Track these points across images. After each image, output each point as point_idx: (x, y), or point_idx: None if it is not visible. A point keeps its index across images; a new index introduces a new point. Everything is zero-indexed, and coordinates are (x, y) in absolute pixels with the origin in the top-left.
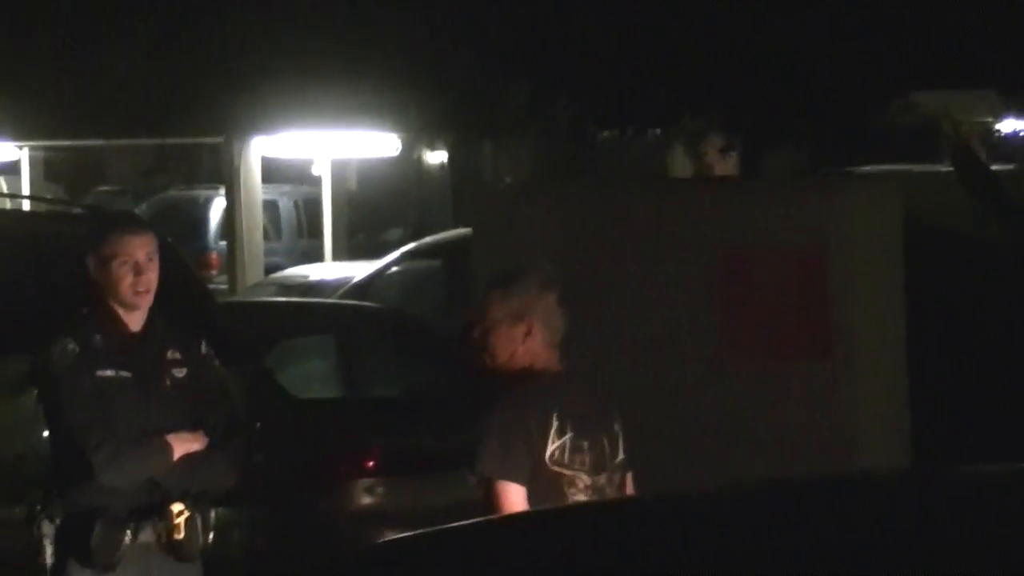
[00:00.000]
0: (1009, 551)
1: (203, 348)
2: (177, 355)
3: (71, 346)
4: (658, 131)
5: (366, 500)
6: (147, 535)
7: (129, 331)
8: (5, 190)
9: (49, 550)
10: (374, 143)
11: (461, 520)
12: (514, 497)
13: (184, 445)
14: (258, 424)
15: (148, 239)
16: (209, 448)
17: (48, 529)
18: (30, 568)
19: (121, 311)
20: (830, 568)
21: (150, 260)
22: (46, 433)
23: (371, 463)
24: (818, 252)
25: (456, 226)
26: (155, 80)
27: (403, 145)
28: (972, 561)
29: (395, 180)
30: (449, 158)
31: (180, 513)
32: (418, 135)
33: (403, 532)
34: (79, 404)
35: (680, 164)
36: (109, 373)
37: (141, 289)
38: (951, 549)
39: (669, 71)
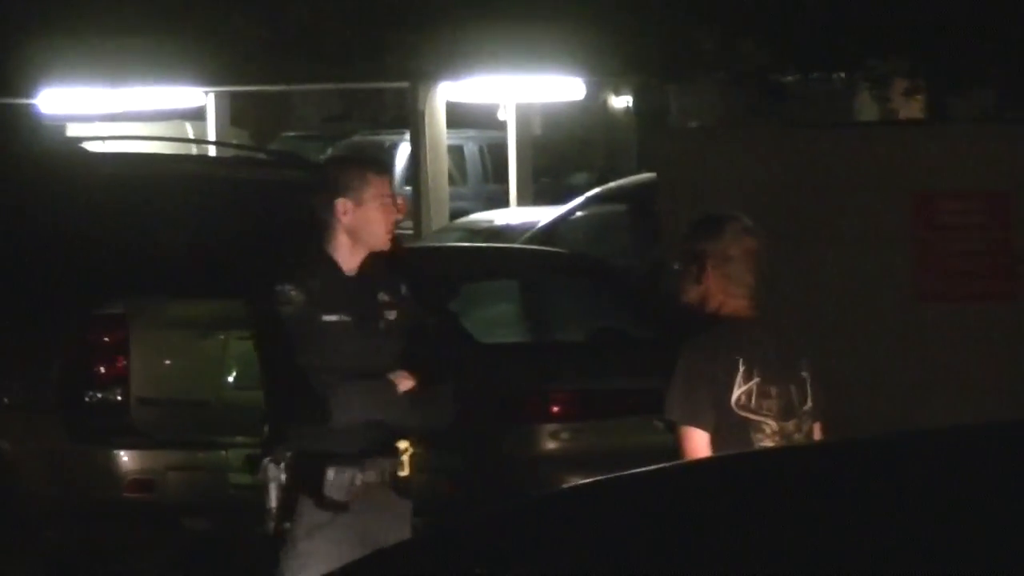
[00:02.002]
0: None
1: (403, 290)
2: (387, 297)
3: (295, 292)
4: (843, 75)
5: (551, 445)
6: (373, 474)
7: (345, 275)
8: (191, 136)
9: (275, 494)
10: (559, 87)
11: (648, 465)
12: (698, 442)
13: (404, 384)
14: None
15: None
16: (423, 386)
17: (275, 472)
18: (239, 510)
19: (345, 253)
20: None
21: None
22: (230, 379)
23: (556, 408)
24: (1006, 195)
25: (641, 170)
26: (341, 25)
27: (588, 89)
28: None
29: (580, 124)
30: (634, 102)
31: (406, 450)
32: (604, 79)
33: (588, 477)
34: (309, 348)
35: (866, 108)
36: (333, 318)
37: (392, 228)
38: None
39: (855, 14)
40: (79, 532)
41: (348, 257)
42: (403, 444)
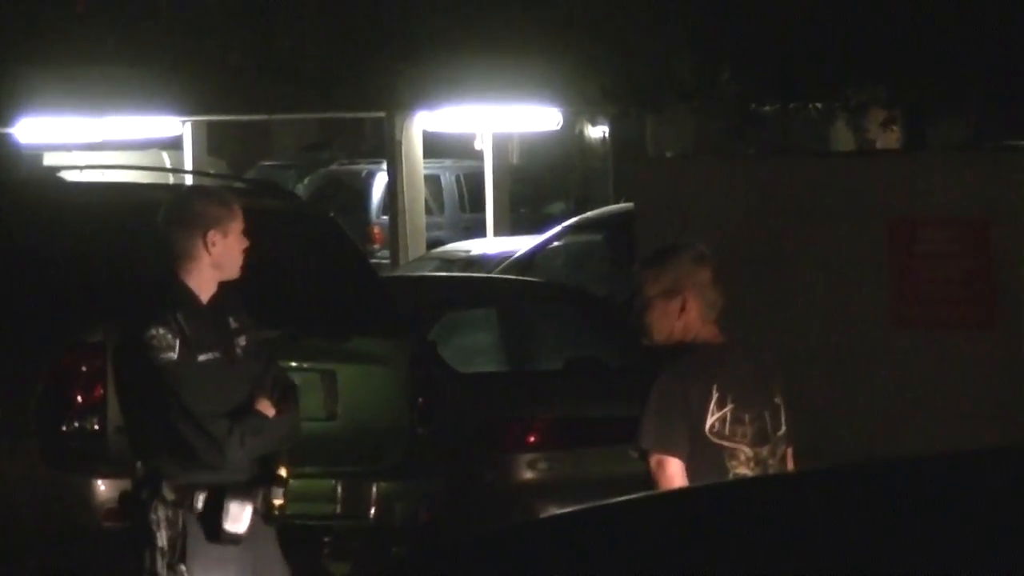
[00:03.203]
0: None
1: (245, 313)
2: (236, 323)
3: (169, 336)
4: (820, 105)
5: (529, 473)
6: (260, 504)
7: (203, 305)
8: (168, 165)
9: (165, 533)
10: (536, 117)
11: (623, 494)
12: (672, 470)
13: (269, 410)
14: (421, 399)
15: None
16: (281, 408)
17: (163, 512)
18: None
19: (204, 284)
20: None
21: None
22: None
23: (534, 436)
24: (983, 224)
25: (618, 200)
26: (318, 54)
27: (565, 119)
28: None
29: (557, 154)
30: (610, 132)
31: (288, 478)
32: (580, 109)
33: (565, 506)
34: (194, 393)
35: (842, 138)
36: (207, 356)
37: (243, 259)
38: None
39: (832, 45)
40: (57, 560)
41: (207, 289)
42: (284, 472)
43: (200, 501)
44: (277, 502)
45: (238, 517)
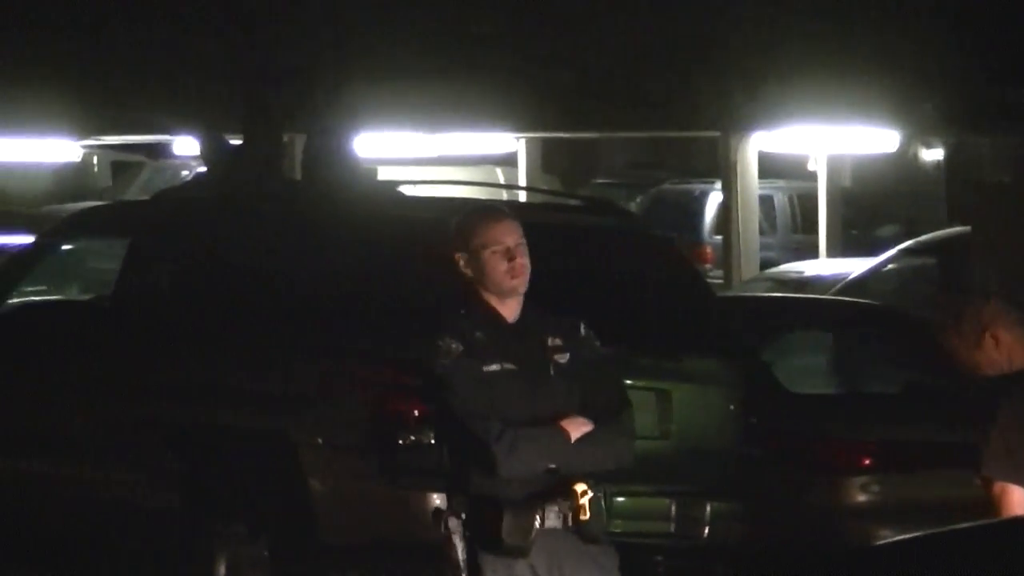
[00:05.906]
0: None
1: (582, 331)
2: (558, 341)
3: (454, 344)
4: None
5: (862, 497)
6: (553, 519)
7: (507, 323)
8: (502, 180)
9: (460, 545)
10: (872, 139)
11: (954, 521)
12: (1016, 499)
13: (578, 428)
14: (754, 419)
15: (515, 226)
16: (598, 428)
17: (455, 524)
18: (439, 565)
19: (496, 302)
20: None
21: (519, 246)
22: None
23: (868, 459)
24: None
25: (950, 224)
26: (654, 73)
27: (899, 142)
28: None
29: (889, 177)
30: (945, 156)
31: (584, 493)
32: (915, 132)
33: (896, 530)
34: (472, 399)
35: None
36: (495, 367)
37: (517, 274)
38: None
39: None
40: (386, 573)
41: (500, 305)
42: (580, 487)
43: (483, 514)
44: (582, 518)
45: (516, 531)
